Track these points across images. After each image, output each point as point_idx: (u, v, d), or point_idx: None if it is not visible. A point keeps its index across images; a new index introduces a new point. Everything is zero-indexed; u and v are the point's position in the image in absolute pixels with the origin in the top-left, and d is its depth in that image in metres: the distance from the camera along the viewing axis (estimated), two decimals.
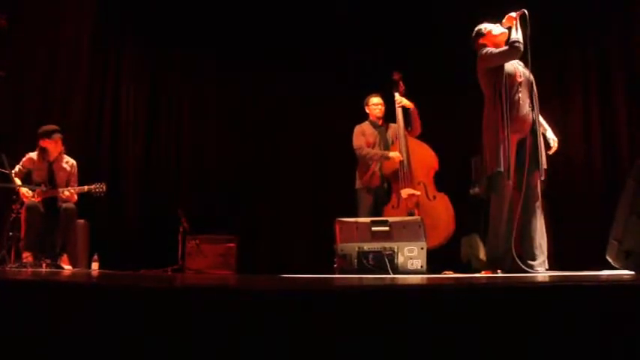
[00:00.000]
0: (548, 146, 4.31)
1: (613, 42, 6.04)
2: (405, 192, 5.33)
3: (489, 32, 4.23)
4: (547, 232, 4.16)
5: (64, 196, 5.22)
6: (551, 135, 4.32)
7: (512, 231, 4.04)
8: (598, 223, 4.99)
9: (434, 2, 6.43)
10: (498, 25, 4.21)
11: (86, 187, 5.25)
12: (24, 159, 5.34)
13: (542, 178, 4.12)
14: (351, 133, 5.65)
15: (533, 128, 4.10)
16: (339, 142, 6.21)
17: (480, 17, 4.38)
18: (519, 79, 4.11)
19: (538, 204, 4.12)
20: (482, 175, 4.29)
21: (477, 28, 4.30)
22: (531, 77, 4.16)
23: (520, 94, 4.08)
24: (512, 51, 4.02)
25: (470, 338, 1.63)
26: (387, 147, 5.57)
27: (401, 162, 5.40)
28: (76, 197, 5.26)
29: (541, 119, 4.23)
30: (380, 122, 5.68)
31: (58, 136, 5.31)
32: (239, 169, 7.16)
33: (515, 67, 4.14)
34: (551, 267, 4.15)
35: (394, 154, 5.43)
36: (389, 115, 5.67)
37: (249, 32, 7.16)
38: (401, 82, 5.63)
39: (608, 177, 5.86)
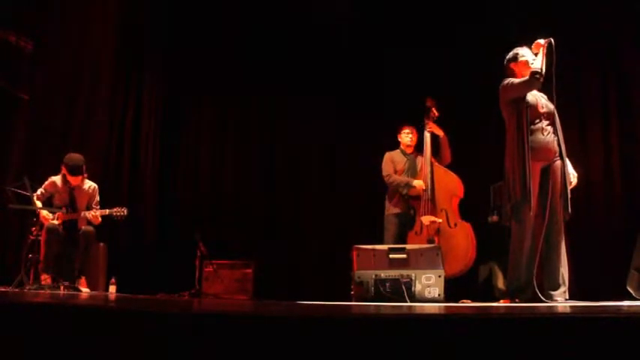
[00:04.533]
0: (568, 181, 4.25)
1: (633, 66, 5.95)
2: (425, 219, 5.30)
3: (524, 62, 4.16)
4: (568, 261, 4.10)
5: (88, 218, 5.27)
6: (571, 170, 4.23)
7: (534, 261, 3.98)
8: (619, 253, 4.91)
9: (459, 33, 6.44)
10: (535, 56, 4.12)
11: (107, 211, 5.33)
12: (46, 182, 5.40)
13: (569, 211, 4.06)
14: (374, 160, 5.67)
15: (558, 156, 4.08)
16: (360, 169, 6.19)
17: (506, 48, 4.37)
18: (541, 110, 4.09)
19: (560, 233, 4.06)
20: (503, 203, 4.25)
21: (514, 51, 4.25)
22: (554, 109, 4.10)
23: (542, 124, 4.07)
24: (531, 82, 3.99)
25: None
26: (414, 175, 5.54)
27: (424, 189, 5.38)
28: (100, 219, 5.32)
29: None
30: (410, 150, 5.67)
31: (79, 177, 5.38)
32: (256, 194, 7.18)
33: (537, 98, 4.12)
34: (572, 297, 4.08)
35: (418, 183, 5.40)
36: (421, 146, 5.61)
37: (273, 57, 7.21)
38: (434, 109, 5.55)
39: (629, 205, 5.75)
